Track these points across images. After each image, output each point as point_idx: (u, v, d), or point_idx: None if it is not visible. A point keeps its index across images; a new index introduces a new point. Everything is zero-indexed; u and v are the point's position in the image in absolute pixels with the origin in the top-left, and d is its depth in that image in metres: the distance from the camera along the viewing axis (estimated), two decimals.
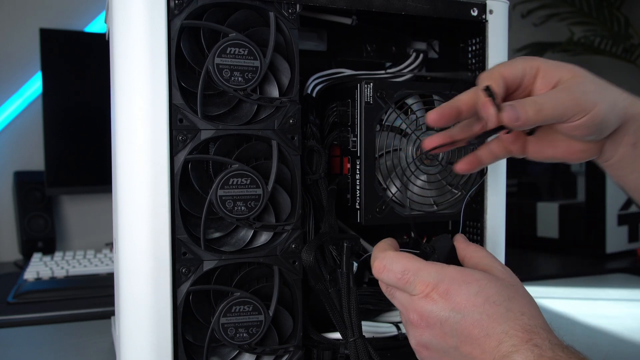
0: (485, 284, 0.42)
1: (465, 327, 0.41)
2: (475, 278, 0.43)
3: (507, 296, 0.42)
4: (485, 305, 0.41)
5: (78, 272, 1.01)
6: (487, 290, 0.42)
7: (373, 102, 0.55)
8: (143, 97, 0.47)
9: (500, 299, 0.41)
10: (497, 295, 0.42)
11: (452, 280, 0.43)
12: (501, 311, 0.41)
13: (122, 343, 0.50)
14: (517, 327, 0.40)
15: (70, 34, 1.23)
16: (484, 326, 0.40)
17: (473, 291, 0.42)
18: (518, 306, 0.41)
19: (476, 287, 0.42)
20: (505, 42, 0.60)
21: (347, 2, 0.54)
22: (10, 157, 1.26)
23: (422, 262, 0.45)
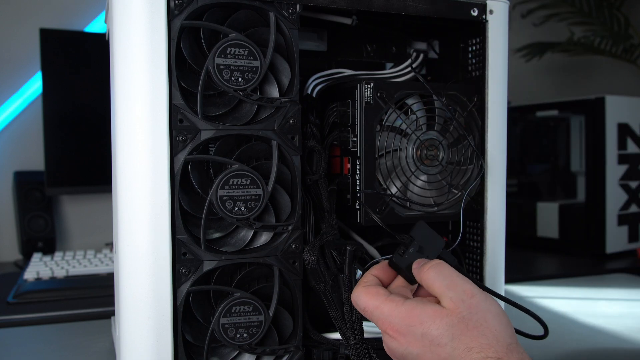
0: (429, 326, 0.43)
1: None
2: (420, 320, 0.44)
3: (451, 336, 0.42)
4: (432, 347, 0.43)
5: (78, 272, 1.01)
6: (431, 332, 0.43)
7: (373, 102, 0.55)
8: (143, 97, 0.47)
9: (444, 340, 0.42)
10: (440, 337, 0.43)
11: (400, 320, 0.45)
12: (447, 351, 0.42)
13: (122, 343, 0.50)
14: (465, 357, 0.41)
15: (70, 34, 1.23)
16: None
17: (418, 334, 0.43)
18: (464, 343, 0.42)
19: (420, 329, 0.44)
20: (505, 42, 0.60)
21: (347, 2, 0.54)
22: (10, 157, 1.26)
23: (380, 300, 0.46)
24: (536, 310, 0.86)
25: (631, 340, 0.73)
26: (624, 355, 0.69)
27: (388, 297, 0.46)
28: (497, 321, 0.43)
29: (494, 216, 0.61)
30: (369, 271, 0.51)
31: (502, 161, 0.61)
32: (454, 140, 0.60)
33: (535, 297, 0.94)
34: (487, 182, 0.60)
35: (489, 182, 0.60)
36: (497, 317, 0.44)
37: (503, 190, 0.61)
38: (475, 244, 0.62)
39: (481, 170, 0.59)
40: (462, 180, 0.59)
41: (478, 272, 0.62)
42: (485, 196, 0.60)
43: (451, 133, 0.59)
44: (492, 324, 0.43)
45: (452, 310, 0.44)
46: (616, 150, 1.24)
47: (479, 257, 0.62)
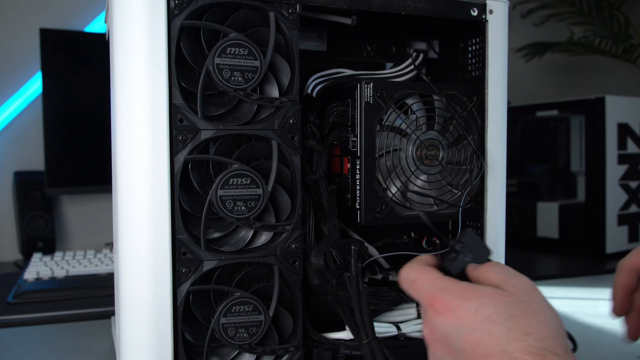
0: (486, 302, 0.41)
1: (468, 344, 0.40)
2: (476, 295, 0.41)
3: (508, 315, 0.40)
4: (484, 323, 0.40)
5: (78, 272, 1.01)
6: (487, 308, 0.40)
7: (373, 102, 0.55)
8: (143, 97, 0.47)
9: (500, 318, 0.39)
10: (496, 313, 0.40)
11: (454, 294, 0.42)
12: (501, 330, 0.39)
13: (122, 343, 0.50)
14: (520, 349, 0.38)
15: (70, 34, 1.23)
16: (485, 344, 0.39)
17: (472, 308, 0.41)
18: (522, 326, 0.39)
19: (476, 304, 0.41)
20: (505, 42, 0.60)
21: (347, 2, 0.54)
22: (10, 157, 1.26)
23: (435, 274, 0.45)
24: None
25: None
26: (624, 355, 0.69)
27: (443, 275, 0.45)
28: (557, 320, 0.41)
29: (494, 216, 0.61)
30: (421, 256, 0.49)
31: (502, 161, 0.61)
32: (454, 140, 0.60)
33: None
34: (487, 182, 0.60)
35: (489, 182, 0.60)
36: (557, 317, 0.42)
37: (503, 190, 0.61)
38: None
39: (481, 170, 0.59)
40: (462, 180, 0.59)
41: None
42: (485, 196, 0.60)
43: (451, 133, 0.59)
44: (552, 319, 0.41)
45: (513, 293, 0.41)
46: (616, 150, 1.24)
47: None
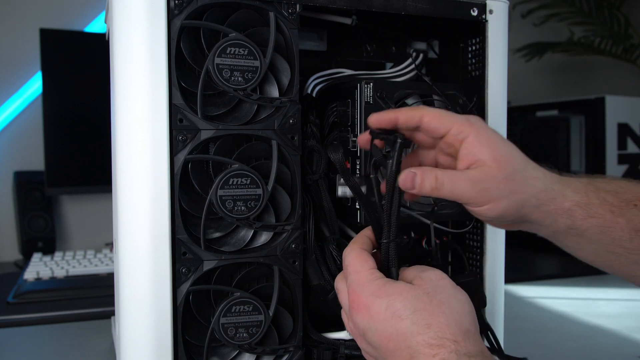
0: (395, 298, 0.43)
1: (382, 340, 0.43)
2: (387, 292, 0.44)
3: (413, 309, 0.42)
4: (393, 319, 0.42)
5: (78, 272, 1.01)
6: (395, 304, 0.43)
7: (373, 102, 0.55)
8: (143, 97, 0.47)
9: (405, 313, 0.42)
10: (402, 309, 0.42)
11: (369, 292, 0.44)
12: (406, 325, 0.42)
13: (122, 343, 0.50)
14: (421, 343, 0.40)
15: (70, 34, 1.23)
16: (394, 340, 0.42)
17: (383, 306, 0.43)
18: (424, 318, 0.42)
19: (386, 301, 0.43)
20: (505, 42, 0.60)
21: (347, 2, 0.54)
22: (10, 157, 1.26)
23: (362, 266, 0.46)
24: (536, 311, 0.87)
25: (631, 340, 0.73)
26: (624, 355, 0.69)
27: (371, 269, 0.46)
28: (461, 306, 0.43)
29: None
30: (363, 231, 0.51)
31: None
32: None
33: (535, 297, 0.94)
34: None
35: None
36: (462, 303, 0.44)
37: None
38: (475, 244, 0.62)
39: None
40: None
41: (478, 272, 0.62)
42: None
43: None
44: (454, 307, 0.43)
45: (420, 286, 0.44)
46: (616, 150, 1.24)
47: (479, 257, 0.62)
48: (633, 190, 0.49)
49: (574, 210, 0.48)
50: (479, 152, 0.47)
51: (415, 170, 0.46)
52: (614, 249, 0.48)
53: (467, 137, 0.47)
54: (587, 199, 0.48)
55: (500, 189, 0.46)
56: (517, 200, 0.47)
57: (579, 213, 0.48)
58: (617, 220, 0.47)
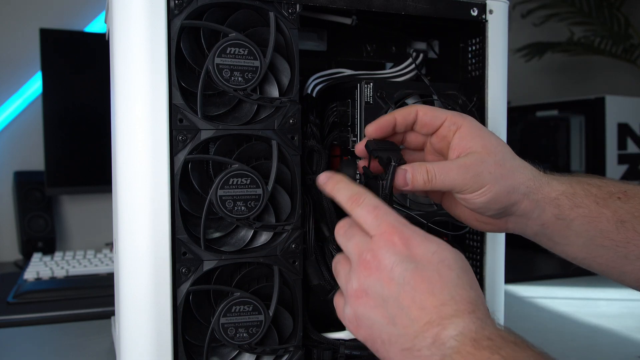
0: (445, 247, 0.42)
1: (414, 278, 0.39)
2: (436, 240, 0.42)
3: (461, 266, 0.41)
4: (440, 265, 0.40)
5: (78, 272, 1.01)
6: (445, 253, 0.41)
7: (373, 102, 0.55)
8: (143, 97, 0.47)
9: (455, 265, 0.41)
10: (453, 260, 0.41)
11: (416, 233, 0.42)
12: (452, 276, 0.40)
13: (122, 343, 0.50)
14: (463, 296, 0.39)
15: (70, 34, 1.23)
16: (432, 284, 0.39)
17: (431, 248, 0.41)
18: (468, 280, 0.41)
19: (435, 246, 0.41)
20: (505, 42, 0.60)
21: (347, 2, 0.54)
22: (10, 157, 1.26)
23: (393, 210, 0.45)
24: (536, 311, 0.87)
25: (631, 340, 0.73)
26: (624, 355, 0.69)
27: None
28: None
29: None
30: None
31: None
32: None
33: (535, 297, 0.94)
34: None
35: None
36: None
37: None
38: (475, 244, 0.62)
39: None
40: None
41: (478, 272, 0.62)
42: None
43: None
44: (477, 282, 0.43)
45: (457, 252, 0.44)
46: (616, 150, 1.24)
47: (479, 257, 0.62)
48: (615, 185, 0.50)
49: (560, 200, 0.49)
50: (471, 140, 0.48)
51: (406, 167, 0.47)
52: (602, 241, 0.49)
53: (460, 128, 0.49)
54: (572, 190, 0.49)
55: (491, 173, 0.47)
56: (507, 185, 0.48)
57: (566, 203, 0.49)
58: (602, 211, 0.48)
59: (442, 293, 0.39)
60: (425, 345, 0.37)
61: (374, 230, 0.42)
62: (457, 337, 0.36)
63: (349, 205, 0.45)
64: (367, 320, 0.41)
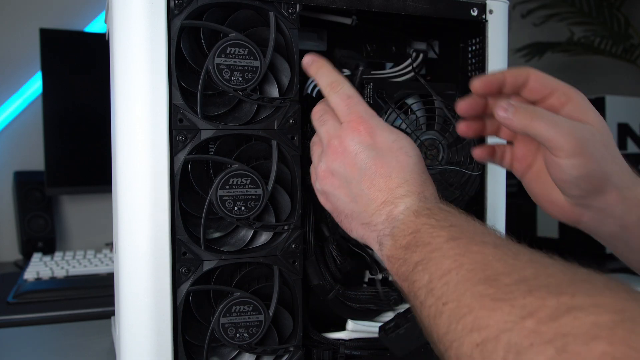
0: (403, 137, 0.47)
1: (374, 164, 0.45)
2: (397, 131, 0.47)
3: (416, 155, 0.46)
4: (399, 152, 0.45)
5: (78, 272, 1.01)
6: (404, 141, 0.46)
7: (373, 102, 0.55)
8: (143, 97, 0.47)
9: (412, 152, 0.46)
10: (410, 148, 0.46)
11: (380, 122, 0.47)
12: (409, 162, 0.45)
13: (122, 343, 0.50)
14: (416, 179, 0.44)
15: (70, 34, 1.23)
16: (390, 168, 0.44)
17: (392, 137, 0.46)
18: (421, 167, 0.46)
19: (395, 135, 0.46)
20: (505, 42, 0.60)
21: (347, 2, 0.54)
22: (10, 157, 1.26)
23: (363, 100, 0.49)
24: None
25: None
26: None
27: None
28: None
29: (494, 216, 0.61)
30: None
31: None
32: (454, 140, 0.60)
33: None
34: (487, 182, 0.60)
35: (489, 182, 0.60)
36: None
37: (503, 190, 0.61)
38: None
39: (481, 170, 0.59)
40: (462, 180, 0.59)
41: None
42: (485, 196, 0.60)
43: (451, 133, 0.59)
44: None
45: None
46: None
47: None
48: None
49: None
50: (584, 114, 0.47)
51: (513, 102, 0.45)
52: None
53: (572, 100, 0.47)
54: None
55: (596, 147, 0.44)
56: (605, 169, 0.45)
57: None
58: None
59: (397, 177, 0.44)
60: (380, 221, 0.44)
61: (344, 117, 0.47)
62: (404, 211, 0.42)
63: (327, 90, 0.49)
64: (332, 197, 0.48)
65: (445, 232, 0.38)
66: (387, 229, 0.43)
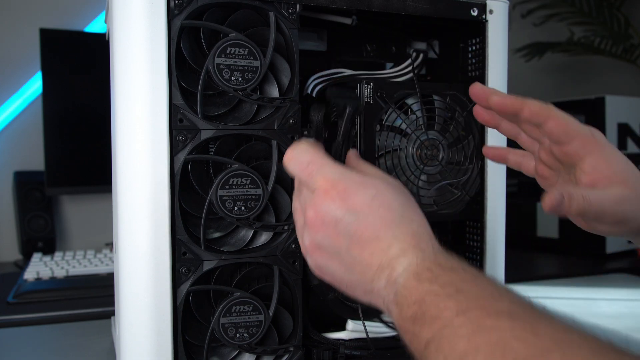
0: (383, 189, 0.43)
1: (358, 229, 0.41)
2: (373, 184, 0.43)
3: (401, 203, 0.43)
4: (380, 209, 0.42)
5: (78, 272, 1.01)
6: (384, 195, 0.43)
7: (373, 102, 0.55)
8: (143, 97, 0.47)
9: (395, 205, 0.42)
10: (392, 201, 0.42)
11: (352, 181, 0.43)
12: (394, 217, 0.42)
13: (122, 343, 0.50)
14: (406, 232, 0.41)
15: (70, 34, 1.23)
16: (376, 229, 0.41)
17: (370, 194, 0.42)
18: (409, 213, 0.42)
19: (373, 191, 0.43)
20: (505, 42, 0.60)
21: (347, 2, 0.54)
22: (10, 157, 1.26)
23: (329, 159, 0.45)
24: None
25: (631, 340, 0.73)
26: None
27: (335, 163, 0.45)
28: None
29: (494, 216, 0.61)
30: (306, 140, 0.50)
31: None
32: (454, 140, 0.60)
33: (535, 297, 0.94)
34: (487, 182, 0.60)
35: (489, 182, 0.60)
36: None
37: (503, 190, 0.61)
38: (475, 244, 0.62)
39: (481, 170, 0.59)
40: (462, 180, 0.59)
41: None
42: (485, 196, 0.60)
43: (451, 133, 0.59)
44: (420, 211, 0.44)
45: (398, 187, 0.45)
46: None
47: (479, 257, 0.62)
48: None
49: None
50: (607, 169, 0.46)
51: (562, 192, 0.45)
52: None
53: (592, 153, 0.47)
54: None
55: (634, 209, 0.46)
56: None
57: None
58: None
59: (386, 236, 0.41)
60: (382, 287, 0.40)
61: (312, 185, 0.44)
62: (402, 274, 0.39)
63: (284, 164, 0.47)
64: (327, 269, 0.44)
65: (452, 303, 0.35)
66: (390, 294, 0.39)
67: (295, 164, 0.46)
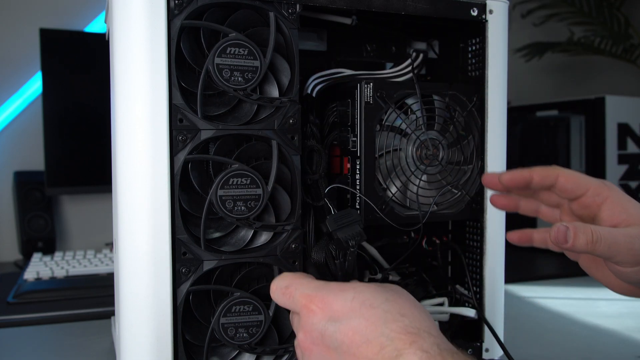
0: (362, 289, 0.41)
1: (345, 335, 0.39)
2: (351, 286, 0.42)
3: (384, 298, 0.40)
4: (362, 309, 0.40)
5: (78, 272, 1.01)
6: (363, 294, 0.41)
7: (373, 102, 0.55)
8: (143, 97, 0.47)
9: (377, 302, 0.40)
10: (372, 298, 0.40)
11: (329, 290, 0.42)
12: (379, 314, 0.39)
13: (122, 343, 0.50)
14: (397, 329, 0.38)
15: (70, 34, 1.23)
16: (363, 331, 0.39)
17: (349, 297, 0.41)
18: (397, 308, 0.40)
19: (352, 292, 0.41)
20: (505, 42, 0.60)
21: (347, 2, 0.54)
22: (10, 157, 1.26)
23: (308, 278, 0.46)
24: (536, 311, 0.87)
25: (631, 340, 0.73)
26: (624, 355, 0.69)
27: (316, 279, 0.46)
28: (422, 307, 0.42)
29: (494, 216, 0.61)
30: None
31: (502, 161, 0.61)
32: (454, 140, 0.60)
33: (535, 297, 0.94)
34: None
35: None
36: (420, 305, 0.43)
37: None
38: (475, 244, 0.62)
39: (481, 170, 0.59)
40: (462, 180, 0.59)
41: (478, 272, 0.62)
42: (485, 196, 0.60)
43: (451, 133, 0.59)
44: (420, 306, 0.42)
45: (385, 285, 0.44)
46: (616, 150, 1.24)
47: (479, 257, 0.62)
48: None
49: None
50: (624, 213, 0.47)
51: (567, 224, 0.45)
52: None
53: (607, 199, 0.48)
54: None
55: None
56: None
57: None
58: None
59: (376, 337, 0.38)
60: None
61: (296, 307, 0.44)
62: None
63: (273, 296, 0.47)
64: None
65: None
66: None
67: (276, 293, 0.46)
